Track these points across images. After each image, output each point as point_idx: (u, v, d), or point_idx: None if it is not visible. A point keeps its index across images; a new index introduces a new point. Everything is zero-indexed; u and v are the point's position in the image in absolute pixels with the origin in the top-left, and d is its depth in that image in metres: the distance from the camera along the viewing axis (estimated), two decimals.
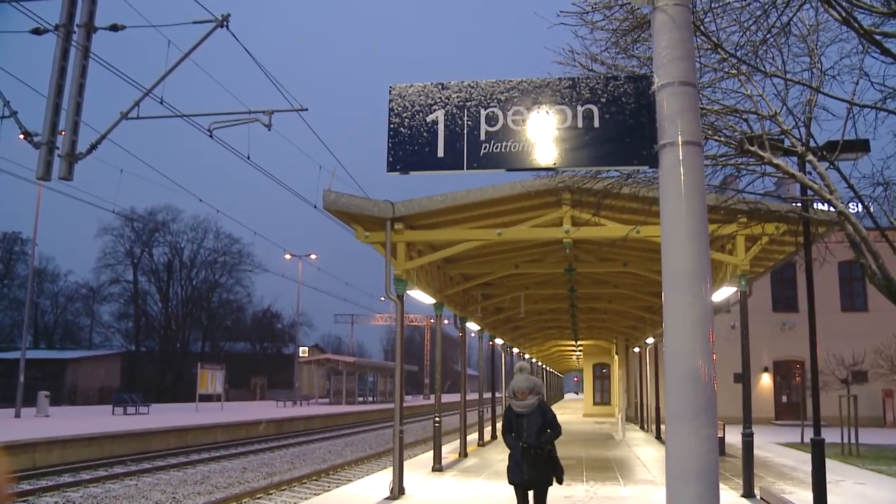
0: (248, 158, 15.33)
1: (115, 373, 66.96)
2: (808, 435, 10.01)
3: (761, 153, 6.52)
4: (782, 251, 13.97)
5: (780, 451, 20.26)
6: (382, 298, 74.04)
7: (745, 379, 12.47)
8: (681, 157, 3.88)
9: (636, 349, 31.62)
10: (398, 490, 12.24)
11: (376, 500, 11.89)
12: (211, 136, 13.87)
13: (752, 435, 12.19)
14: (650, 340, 26.01)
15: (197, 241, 78.50)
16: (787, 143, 7.00)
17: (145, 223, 73.89)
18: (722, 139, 6.92)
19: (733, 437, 15.77)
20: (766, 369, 34.11)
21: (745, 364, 12.42)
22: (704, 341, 3.67)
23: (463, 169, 4.42)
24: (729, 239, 12.39)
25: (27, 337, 38.57)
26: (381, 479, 13.84)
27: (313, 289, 59.91)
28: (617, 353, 38.79)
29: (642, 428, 30.27)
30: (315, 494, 14.89)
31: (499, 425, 27.08)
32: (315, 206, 15.27)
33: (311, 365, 64.34)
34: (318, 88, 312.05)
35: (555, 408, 62.23)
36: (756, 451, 12.83)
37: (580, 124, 4.40)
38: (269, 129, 13.86)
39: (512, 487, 7.76)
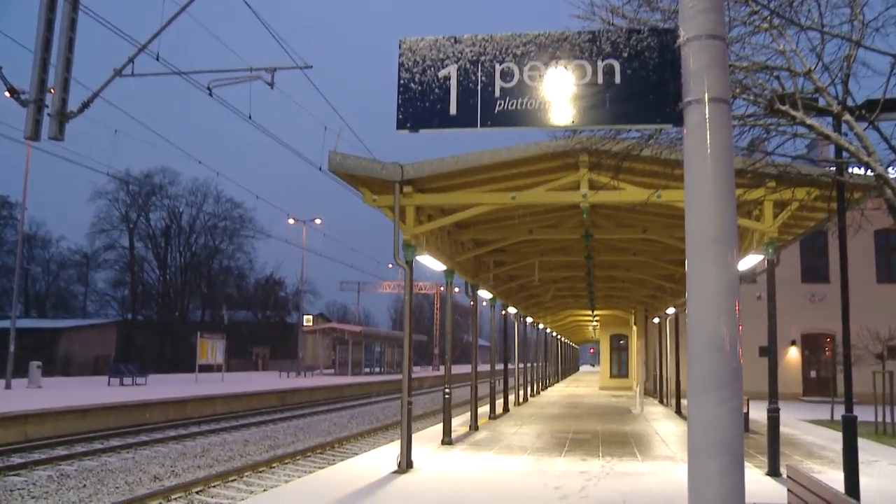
0: (250, 118, 15.33)
1: (111, 342, 67.67)
2: (839, 412, 10.02)
3: (793, 113, 6.44)
4: (813, 218, 13.90)
5: (808, 428, 20.35)
6: (390, 265, 74.39)
7: (770, 352, 12.50)
8: (707, 115, 3.84)
9: (656, 320, 31.69)
10: (406, 463, 12.38)
11: (383, 474, 12.03)
12: (210, 95, 13.88)
13: (778, 411, 12.23)
14: (671, 311, 26.04)
15: (196, 205, 78.86)
16: (821, 101, 6.89)
17: (141, 186, 74.16)
18: (750, 98, 6.82)
19: (758, 412, 15.84)
20: (793, 342, 34.10)
21: (771, 337, 12.43)
22: (730, 310, 3.66)
23: (476, 127, 4.38)
24: (756, 204, 12.32)
25: (17, 305, 38.80)
26: (389, 453, 14.01)
27: (318, 255, 60.31)
28: (635, 324, 38.85)
29: (661, 402, 30.43)
30: (319, 468, 15.09)
31: (511, 398, 27.30)
32: (320, 169, 15.31)
33: (316, 334, 64.88)
34: (322, 44, 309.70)
35: (569, 381, 61.57)
36: (782, 429, 12.90)
37: (600, 80, 4.34)
38: (272, 88, 13.84)
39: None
